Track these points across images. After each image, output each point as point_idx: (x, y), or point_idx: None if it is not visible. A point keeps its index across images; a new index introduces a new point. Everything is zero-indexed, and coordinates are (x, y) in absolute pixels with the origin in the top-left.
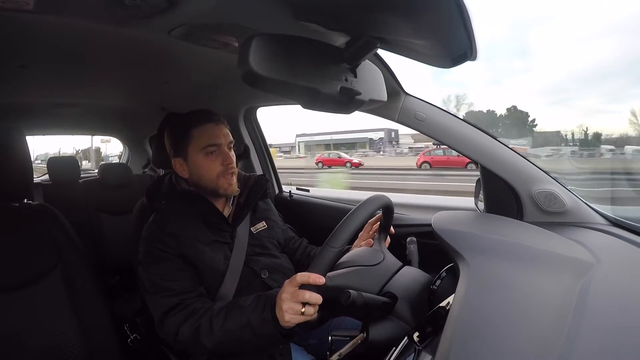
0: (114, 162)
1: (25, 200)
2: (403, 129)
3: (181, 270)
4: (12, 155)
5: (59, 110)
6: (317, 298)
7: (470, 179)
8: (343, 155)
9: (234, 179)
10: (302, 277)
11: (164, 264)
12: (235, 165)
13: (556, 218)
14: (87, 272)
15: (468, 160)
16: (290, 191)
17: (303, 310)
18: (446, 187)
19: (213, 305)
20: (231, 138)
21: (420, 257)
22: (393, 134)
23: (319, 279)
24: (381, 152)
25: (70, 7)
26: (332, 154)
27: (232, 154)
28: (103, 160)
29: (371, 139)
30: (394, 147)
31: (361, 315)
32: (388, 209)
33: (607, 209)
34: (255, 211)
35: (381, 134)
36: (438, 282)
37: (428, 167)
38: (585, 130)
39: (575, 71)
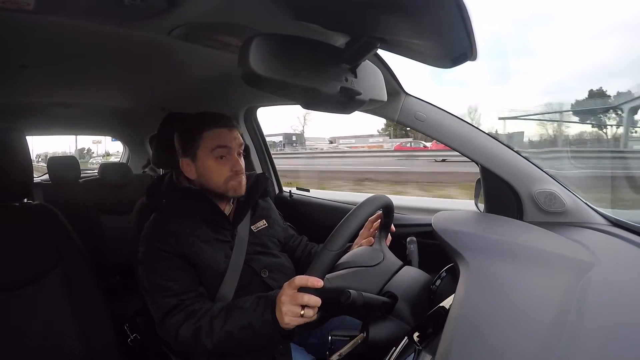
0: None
1: (26, 200)
2: (315, 133)
3: (181, 270)
4: (12, 155)
5: (59, 110)
6: (315, 301)
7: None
8: (426, 144)
9: (243, 179)
10: (301, 280)
11: (164, 263)
12: (243, 171)
13: (556, 218)
14: (87, 272)
15: None
16: (290, 191)
17: (302, 312)
18: None
19: (213, 305)
20: (242, 142)
21: (420, 257)
22: (294, 137)
23: (317, 282)
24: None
25: (70, 7)
26: (414, 142)
27: (242, 160)
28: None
29: (274, 142)
30: (295, 147)
31: (361, 315)
32: (388, 208)
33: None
34: (256, 210)
35: (280, 138)
36: (438, 282)
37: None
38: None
39: (577, 71)
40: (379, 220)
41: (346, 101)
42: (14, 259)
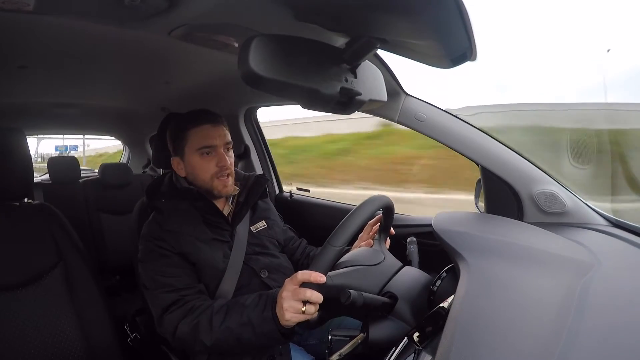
0: None
1: (26, 200)
2: None
3: (180, 268)
4: (12, 155)
5: (59, 110)
6: (317, 297)
7: None
8: None
9: (230, 180)
10: (303, 275)
11: (163, 260)
12: (230, 167)
13: (556, 219)
14: (87, 272)
15: None
16: (290, 191)
17: (304, 309)
18: None
19: (213, 303)
20: (229, 139)
21: (421, 257)
22: None
23: (320, 278)
24: None
25: (70, 7)
26: None
27: (231, 154)
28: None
29: None
30: None
31: (361, 315)
32: (388, 209)
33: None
34: (255, 210)
35: None
36: (438, 282)
37: None
38: None
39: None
40: (378, 223)
41: (346, 101)
42: (14, 259)
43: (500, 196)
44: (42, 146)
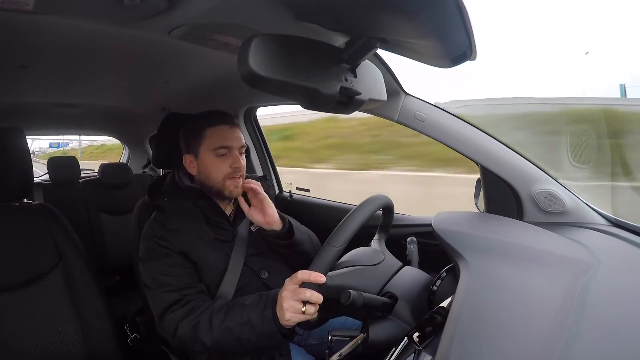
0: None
1: (25, 200)
2: None
3: (182, 267)
4: (12, 155)
5: (59, 110)
6: (317, 297)
7: None
8: None
9: (241, 182)
10: (303, 274)
11: (165, 260)
12: (243, 170)
13: (556, 218)
14: (87, 272)
15: None
16: (290, 191)
17: (304, 309)
18: None
19: (214, 303)
20: (243, 142)
21: (421, 257)
22: None
23: (320, 278)
24: None
25: (69, 7)
26: None
27: (243, 158)
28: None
29: None
30: None
31: (361, 316)
32: (388, 208)
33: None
34: None
35: None
36: (438, 282)
37: None
38: None
39: None
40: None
41: (346, 101)
42: (14, 259)
43: (500, 196)
44: (36, 142)
